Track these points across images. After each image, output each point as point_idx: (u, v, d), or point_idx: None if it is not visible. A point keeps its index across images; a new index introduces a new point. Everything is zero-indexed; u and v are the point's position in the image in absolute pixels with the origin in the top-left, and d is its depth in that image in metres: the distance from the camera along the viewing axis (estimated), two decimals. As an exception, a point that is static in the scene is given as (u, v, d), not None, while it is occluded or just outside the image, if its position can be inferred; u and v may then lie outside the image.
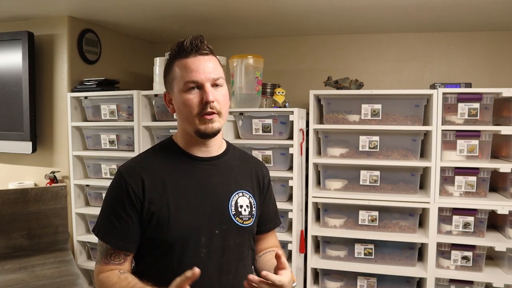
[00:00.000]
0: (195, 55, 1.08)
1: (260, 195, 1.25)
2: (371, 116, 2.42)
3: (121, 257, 1.10)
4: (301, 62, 3.19)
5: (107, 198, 1.13)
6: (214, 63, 1.11)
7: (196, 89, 1.08)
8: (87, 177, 2.81)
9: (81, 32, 2.74)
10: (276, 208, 1.36)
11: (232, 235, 1.13)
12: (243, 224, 1.15)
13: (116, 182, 1.11)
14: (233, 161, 1.22)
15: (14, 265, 1.87)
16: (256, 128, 2.44)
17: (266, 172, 1.30)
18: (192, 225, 1.09)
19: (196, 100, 1.07)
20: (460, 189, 2.30)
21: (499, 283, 2.20)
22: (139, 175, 1.09)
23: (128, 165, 1.13)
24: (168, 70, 1.13)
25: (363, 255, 2.46)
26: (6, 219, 2.00)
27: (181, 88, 1.08)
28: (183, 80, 1.08)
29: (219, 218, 1.12)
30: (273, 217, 1.32)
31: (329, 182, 2.53)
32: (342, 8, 2.40)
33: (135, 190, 1.08)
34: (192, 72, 1.07)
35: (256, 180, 1.24)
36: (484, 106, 2.26)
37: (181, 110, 1.10)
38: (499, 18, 2.52)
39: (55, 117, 2.74)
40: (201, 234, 1.09)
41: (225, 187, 1.16)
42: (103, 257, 1.10)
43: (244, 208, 1.16)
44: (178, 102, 1.10)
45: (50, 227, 2.11)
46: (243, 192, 1.18)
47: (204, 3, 2.36)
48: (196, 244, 1.08)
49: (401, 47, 3.01)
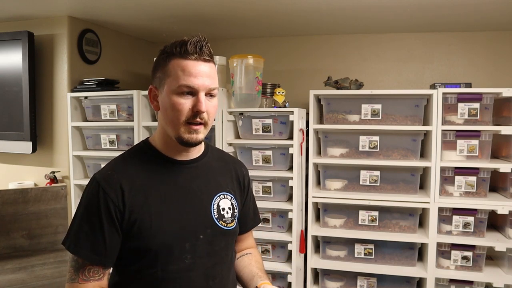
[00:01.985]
0: (196, 59, 1.02)
1: (241, 195, 1.23)
2: (371, 116, 2.42)
3: (100, 271, 1.03)
4: (301, 62, 3.19)
5: (81, 207, 1.04)
6: (213, 72, 1.06)
7: (189, 95, 1.02)
8: (87, 177, 2.81)
9: (81, 32, 2.74)
10: (255, 207, 1.33)
11: (216, 239, 1.10)
12: (227, 227, 1.12)
13: (92, 191, 1.03)
14: (213, 162, 1.18)
15: (14, 265, 1.87)
16: (256, 128, 2.44)
17: (246, 172, 1.27)
18: (176, 232, 1.04)
19: (186, 106, 1.02)
20: (460, 189, 2.30)
21: (499, 283, 2.20)
22: (117, 183, 1.03)
23: (105, 173, 1.05)
24: (161, 65, 1.05)
25: (363, 255, 2.46)
26: (6, 219, 2.00)
27: (173, 90, 1.02)
28: (178, 82, 1.01)
29: (202, 222, 1.09)
30: (252, 217, 1.30)
31: (329, 182, 2.53)
32: (342, 8, 2.40)
33: (114, 200, 1.01)
34: (190, 76, 1.01)
35: (236, 181, 1.22)
36: (484, 106, 2.26)
37: (167, 112, 1.04)
38: (499, 18, 2.52)
39: (55, 117, 2.74)
40: (185, 240, 1.05)
41: (206, 190, 1.12)
42: (80, 273, 1.01)
43: (227, 211, 1.13)
44: (166, 103, 1.04)
45: (50, 227, 2.11)
46: (225, 194, 1.15)
47: (204, 3, 2.36)
48: (180, 251, 1.04)
49: (401, 47, 3.01)
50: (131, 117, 2.60)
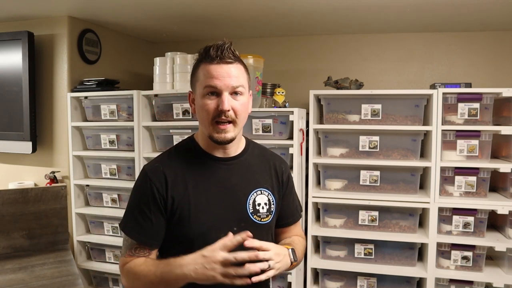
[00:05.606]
0: (218, 62, 1.11)
1: (279, 191, 1.29)
2: (371, 116, 2.42)
3: (146, 251, 1.16)
4: (301, 62, 3.19)
5: (133, 195, 1.19)
6: (238, 71, 1.14)
7: (214, 95, 1.12)
8: (87, 177, 2.81)
9: (81, 32, 2.74)
10: (297, 202, 1.40)
11: (250, 232, 1.15)
12: (261, 221, 1.21)
13: (141, 181, 1.17)
14: (252, 159, 1.26)
15: (14, 265, 1.87)
16: (256, 128, 2.44)
17: (285, 168, 1.33)
18: (211, 223, 1.14)
19: (212, 106, 1.11)
20: (460, 189, 2.30)
21: (499, 283, 2.20)
22: (162, 174, 1.15)
23: (153, 165, 1.19)
24: (194, 72, 1.18)
25: (363, 255, 2.46)
26: (6, 219, 2.00)
27: (201, 92, 1.13)
28: (204, 84, 1.12)
29: (237, 216, 1.18)
30: (293, 211, 1.36)
31: (329, 182, 2.53)
32: (342, 8, 2.40)
33: (159, 188, 1.13)
34: (213, 78, 1.11)
35: (275, 177, 1.28)
36: (484, 106, 2.26)
37: (199, 113, 1.16)
38: (499, 18, 2.52)
39: (55, 117, 2.74)
40: (220, 231, 1.11)
41: (243, 186, 1.21)
42: (128, 250, 1.15)
43: (262, 206, 1.22)
44: (198, 105, 1.16)
45: (50, 227, 2.11)
46: (262, 190, 1.23)
47: (204, 3, 2.36)
48: (216, 241, 1.10)
49: (401, 47, 3.01)
50: (131, 117, 2.60)
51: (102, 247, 2.74)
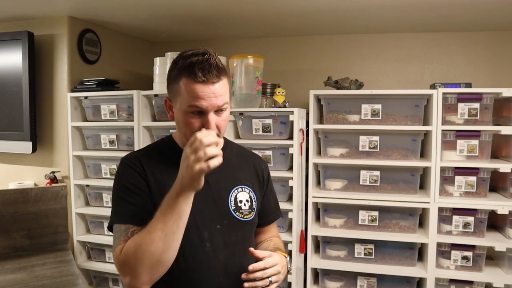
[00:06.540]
0: (204, 82, 1.04)
1: (261, 189, 1.29)
2: (371, 116, 2.42)
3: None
4: (301, 62, 3.19)
5: (114, 185, 1.15)
6: (223, 88, 1.08)
7: (199, 114, 1.06)
8: (87, 177, 2.81)
9: (81, 32, 2.74)
10: (276, 201, 1.40)
11: (233, 229, 1.16)
12: (244, 218, 1.19)
13: (121, 168, 1.15)
14: (232, 157, 1.25)
15: (14, 265, 1.87)
16: (256, 128, 2.44)
17: (265, 166, 1.33)
18: (194, 220, 1.09)
19: (197, 125, 1.06)
20: (460, 189, 2.30)
21: (499, 283, 2.20)
22: (140, 163, 1.13)
23: (130, 156, 1.17)
24: (173, 80, 1.09)
25: (363, 255, 2.46)
26: (6, 219, 2.00)
27: (184, 109, 1.07)
28: (188, 103, 1.05)
29: (219, 213, 1.15)
30: (273, 209, 1.36)
31: (329, 182, 2.53)
32: (342, 8, 2.40)
33: (139, 172, 1.12)
34: (198, 98, 1.04)
35: (255, 175, 1.28)
36: (484, 106, 2.26)
37: (180, 125, 1.12)
38: (499, 18, 2.52)
39: (55, 117, 2.74)
40: (203, 229, 1.11)
41: (224, 183, 1.19)
42: (122, 236, 1.06)
43: (244, 203, 1.20)
44: (179, 118, 1.10)
45: (50, 227, 2.11)
46: (243, 187, 1.22)
47: (204, 3, 2.36)
48: (200, 238, 1.11)
49: (401, 47, 3.01)
50: (131, 117, 2.60)
51: (102, 247, 2.74)
